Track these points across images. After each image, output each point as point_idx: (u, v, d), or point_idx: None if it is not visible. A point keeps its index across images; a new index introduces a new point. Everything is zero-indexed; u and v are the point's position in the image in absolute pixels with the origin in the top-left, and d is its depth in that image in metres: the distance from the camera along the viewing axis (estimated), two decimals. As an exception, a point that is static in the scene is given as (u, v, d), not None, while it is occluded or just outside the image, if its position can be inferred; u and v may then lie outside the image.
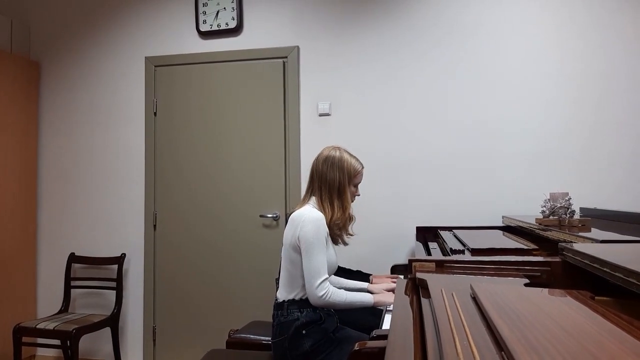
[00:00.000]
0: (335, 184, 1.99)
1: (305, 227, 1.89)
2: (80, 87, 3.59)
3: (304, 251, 1.88)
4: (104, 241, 3.50)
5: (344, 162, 2.01)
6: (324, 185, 2.00)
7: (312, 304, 1.89)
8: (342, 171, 2.00)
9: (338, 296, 1.87)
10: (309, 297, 1.88)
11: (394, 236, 3.07)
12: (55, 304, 3.50)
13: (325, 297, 1.85)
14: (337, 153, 2.03)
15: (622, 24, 2.84)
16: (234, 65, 3.34)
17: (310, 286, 1.86)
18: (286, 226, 2.03)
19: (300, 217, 1.94)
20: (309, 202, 2.02)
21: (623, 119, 2.83)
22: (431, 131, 3.07)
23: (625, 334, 0.70)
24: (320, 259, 1.87)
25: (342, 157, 2.02)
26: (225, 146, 3.33)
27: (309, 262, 1.87)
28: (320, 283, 1.85)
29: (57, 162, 3.60)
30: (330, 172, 2.00)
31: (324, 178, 2.00)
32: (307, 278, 1.87)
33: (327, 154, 2.04)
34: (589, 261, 1.09)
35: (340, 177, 1.99)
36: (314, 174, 2.04)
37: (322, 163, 2.02)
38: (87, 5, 3.60)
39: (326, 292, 1.85)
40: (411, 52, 3.11)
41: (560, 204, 1.92)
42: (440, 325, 0.82)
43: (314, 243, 1.88)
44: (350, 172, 2.02)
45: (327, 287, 1.86)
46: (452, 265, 1.40)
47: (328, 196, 1.99)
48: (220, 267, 3.30)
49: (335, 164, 2.00)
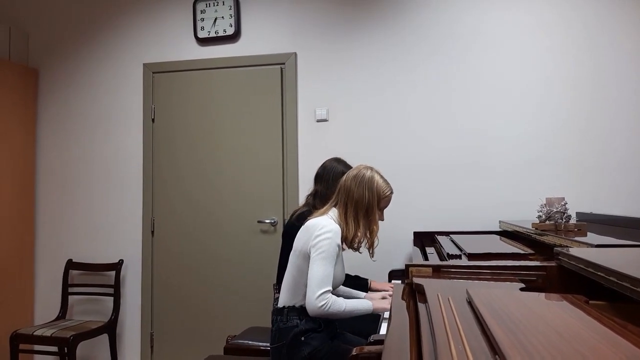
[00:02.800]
0: (363, 202, 1.95)
1: (320, 237, 1.87)
2: (78, 94, 3.60)
3: (313, 259, 1.86)
4: (101, 248, 3.49)
5: (374, 183, 1.96)
6: (350, 201, 1.96)
7: (309, 313, 1.85)
8: (370, 191, 1.95)
9: (337, 306, 1.83)
10: (307, 305, 1.84)
11: (392, 241, 3.07)
12: (53, 311, 3.49)
13: (324, 308, 1.81)
14: (368, 172, 1.99)
15: (614, 29, 2.87)
16: (232, 71, 3.36)
17: (311, 294, 1.82)
18: (300, 231, 2.01)
19: (317, 226, 1.92)
20: (329, 213, 1.99)
21: (618, 124, 2.85)
22: (428, 137, 3.08)
23: (619, 338, 0.71)
24: (327, 270, 1.84)
25: (373, 178, 1.98)
26: (222, 152, 3.34)
27: (316, 271, 1.83)
28: (322, 294, 1.81)
29: (55, 168, 3.60)
30: (359, 189, 1.95)
31: (350, 194, 1.96)
32: (309, 286, 1.83)
33: (358, 171, 2.00)
34: (583, 265, 1.09)
35: (369, 196, 1.95)
36: (341, 188, 2.01)
37: (351, 179, 1.98)
38: (85, 12, 3.62)
39: (325, 303, 1.81)
40: (408, 59, 3.12)
41: (556, 208, 1.93)
42: (436, 329, 0.83)
43: (324, 253, 1.85)
44: (380, 195, 1.97)
45: (328, 299, 1.82)
46: (448, 270, 1.40)
47: (354, 213, 1.96)
48: (217, 273, 3.30)
49: (364, 182, 1.96)
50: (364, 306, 1.92)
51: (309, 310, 1.84)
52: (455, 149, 3.04)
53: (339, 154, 2.57)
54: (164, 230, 3.40)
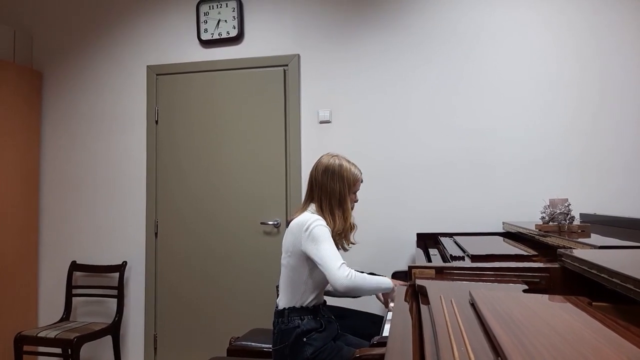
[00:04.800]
0: (335, 194, 1.99)
1: (310, 228, 1.89)
2: (82, 96, 3.61)
3: (314, 248, 1.86)
4: (105, 249, 3.50)
5: (344, 171, 2.01)
6: (324, 195, 2.00)
7: (338, 290, 1.81)
8: (342, 181, 2.00)
9: (361, 277, 1.84)
10: (333, 284, 1.81)
11: (395, 243, 3.08)
12: (57, 313, 3.50)
13: (351, 277, 1.80)
14: (336, 161, 2.03)
15: (619, 29, 2.86)
16: (235, 73, 3.36)
17: (331, 273, 1.80)
18: (286, 234, 2.03)
19: (302, 223, 1.94)
20: (308, 209, 2.03)
21: (622, 124, 2.84)
22: (432, 137, 3.08)
23: (622, 340, 0.71)
24: (331, 248, 1.86)
25: (342, 166, 2.02)
26: (226, 154, 3.34)
27: (323, 252, 1.84)
28: (341, 265, 1.82)
29: (58, 170, 3.62)
30: (331, 182, 2.00)
31: (324, 188, 2.00)
32: (326, 267, 1.82)
33: (327, 162, 2.03)
34: (587, 267, 1.09)
35: (340, 187, 2.00)
36: (313, 183, 2.04)
37: (321, 173, 2.02)
38: (89, 15, 3.63)
39: (349, 272, 1.81)
40: (411, 60, 3.13)
41: (559, 210, 1.93)
42: (438, 331, 0.83)
43: (321, 237, 1.87)
44: (350, 181, 2.02)
45: (349, 269, 1.83)
46: (451, 272, 1.40)
47: (328, 206, 2.00)
48: (220, 275, 3.30)
49: (335, 173, 2.00)
50: (386, 282, 1.91)
51: (337, 287, 1.80)
52: (458, 150, 3.04)
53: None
54: (167, 231, 3.41)
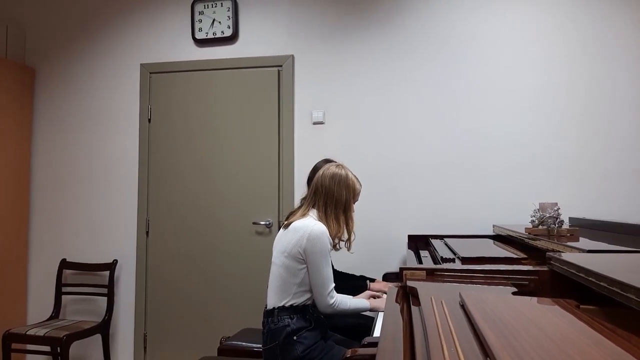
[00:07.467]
0: (342, 200, 2.06)
1: (314, 240, 1.94)
2: (75, 93, 3.59)
3: (313, 264, 1.94)
4: (95, 247, 3.49)
5: (349, 181, 2.09)
6: (330, 200, 2.05)
7: (322, 312, 1.99)
8: (347, 189, 2.08)
9: (343, 304, 2.00)
10: (319, 306, 1.97)
11: (386, 244, 3.09)
12: (46, 310, 3.47)
13: (335, 305, 1.96)
14: (342, 171, 2.10)
15: (609, 36, 2.90)
16: (229, 73, 3.36)
17: (320, 296, 1.96)
18: (284, 233, 2.04)
19: (306, 228, 1.96)
20: (310, 214, 2.05)
21: (612, 129, 2.88)
22: (423, 140, 3.10)
23: (608, 342, 0.72)
24: (328, 271, 1.97)
25: (348, 176, 2.10)
26: (218, 153, 3.34)
27: (319, 274, 1.95)
28: (330, 292, 1.96)
29: (50, 168, 3.59)
30: (338, 189, 2.06)
31: (331, 194, 2.05)
32: (316, 289, 1.96)
33: (334, 170, 2.09)
34: (575, 270, 1.11)
35: (347, 194, 2.08)
36: (319, 189, 2.07)
37: (329, 179, 2.07)
38: (83, 11, 3.61)
39: (335, 300, 1.97)
40: (405, 62, 3.14)
41: (549, 214, 1.95)
42: (429, 332, 0.84)
43: (321, 253, 1.95)
44: (355, 190, 2.12)
45: (335, 296, 1.98)
46: (442, 274, 1.41)
47: (334, 212, 2.05)
48: (212, 274, 3.30)
49: (342, 182, 2.07)
50: (363, 305, 2.08)
51: (321, 310, 1.98)
52: (450, 153, 3.06)
53: (334, 157, 2.58)
54: (158, 230, 3.40)
